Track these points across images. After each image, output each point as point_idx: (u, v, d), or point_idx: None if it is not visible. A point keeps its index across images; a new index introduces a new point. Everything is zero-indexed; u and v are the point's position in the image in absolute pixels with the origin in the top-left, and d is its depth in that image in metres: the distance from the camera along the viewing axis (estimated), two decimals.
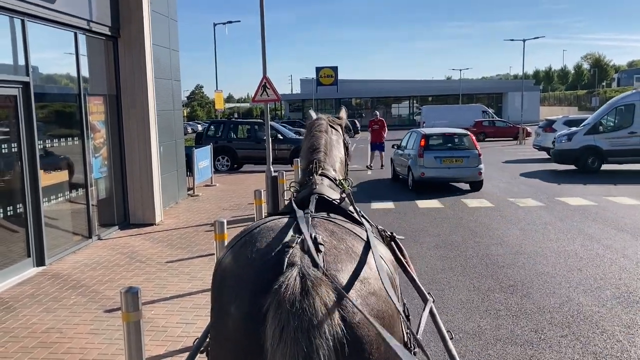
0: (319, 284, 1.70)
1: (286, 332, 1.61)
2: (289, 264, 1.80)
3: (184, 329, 5.31)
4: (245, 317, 1.79)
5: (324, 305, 1.66)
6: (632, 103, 17.71)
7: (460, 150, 14.76)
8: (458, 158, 14.45)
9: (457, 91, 63.42)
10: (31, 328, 5.42)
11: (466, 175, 14.54)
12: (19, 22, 7.21)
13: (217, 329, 1.95)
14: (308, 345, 1.59)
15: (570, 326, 5.42)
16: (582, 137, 17.98)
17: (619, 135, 17.59)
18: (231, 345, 1.85)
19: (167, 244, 8.72)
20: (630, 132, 17.48)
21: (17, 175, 7.22)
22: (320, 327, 1.62)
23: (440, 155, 14.45)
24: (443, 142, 15.19)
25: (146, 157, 10.18)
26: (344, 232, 2.10)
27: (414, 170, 14.65)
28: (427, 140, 14.73)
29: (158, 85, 10.87)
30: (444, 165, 14.34)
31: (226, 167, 20.57)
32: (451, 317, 5.67)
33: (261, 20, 11.44)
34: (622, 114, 17.92)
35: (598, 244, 8.64)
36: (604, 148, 17.69)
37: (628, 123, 17.65)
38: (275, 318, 1.64)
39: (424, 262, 7.74)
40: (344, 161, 3.36)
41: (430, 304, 2.68)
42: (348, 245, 2.01)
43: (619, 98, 18.90)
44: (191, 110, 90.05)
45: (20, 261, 7.17)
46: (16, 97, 7.17)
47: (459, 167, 14.40)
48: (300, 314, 1.62)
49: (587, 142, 17.87)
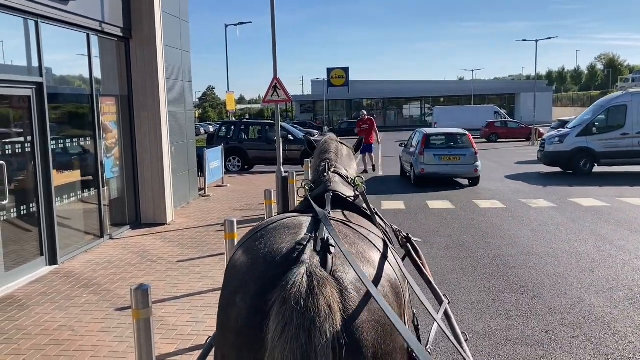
0: (325, 284, 1.72)
1: (288, 329, 1.63)
2: (298, 262, 1.82)
3: (194, 327, 5.34)
4: (249, 309, 1.81)
5: (327, 306, 1.67)
6: (624, 104, 17.39)
7: (458, 148, 15.89)
8: (455, 156, 15.61)
9: (469, 92, 63.19)
10: (44, 326, 5.47)
11: (463, 171, 15.61)
12: (32, 23, 7.30)
13: (221, 319, 1.98)
14: (307, 343, 1.61)
15: (582, 327, 5.38)
16: (574, 139, 17.54)
17: (612, 137, 17.25)
18: (233, 336, 1.87)
19: (178, 244, 8.77)
20: (622, 134, 17.18)
21: (30, 175, 7.30)
22: (321, 327, 1.64)
23: (439, 153, 15.69)
24: (442, 141, 16.44)
25: (158, 157, 10.24)
26: (357, 237, 2.12)
27: (415, 166, 15.89)
28: (427, 139, 16.00)
29: (169, 86, 10.94)
30: (443, 162, 15.55)
31: (237, 168, 20.64)
32: (462, 317, 5.65)
33: (272, 22, 11.48)
34: (614, 115, 17.55)
35: (611, 245, 8.56)
36: (596, 150, 17.30)
37: (620, 124, 17.31)
38: (280, 314, 1.66)
39: (435, 262, 7.72)
40: (357, 172, 3.49)
41: (446, 305, 2.68)
42: (359, 250, 2.03)
43: (609, 99, 18.57)
44: (203, 111, 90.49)
45: (33, 260, 7.24)
46: (30, 98, 7.25)
47: (456, 164, 15.56)
48: (304, 312, 1.64)
49: (579, 144, 17.46)
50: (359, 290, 1.81)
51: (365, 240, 2.13)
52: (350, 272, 1.85)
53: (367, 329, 1.75)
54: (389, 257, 2.13)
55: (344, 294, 1.76)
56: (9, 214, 6.81)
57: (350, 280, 1.81)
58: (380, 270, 2.00)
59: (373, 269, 1.98)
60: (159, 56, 10.14)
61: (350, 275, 1.83)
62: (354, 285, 1.81)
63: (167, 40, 10.75)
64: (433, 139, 16.34)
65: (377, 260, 2.03)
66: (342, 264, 1.87)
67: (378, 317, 1.80)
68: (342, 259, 1.89)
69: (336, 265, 1.85)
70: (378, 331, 1.78)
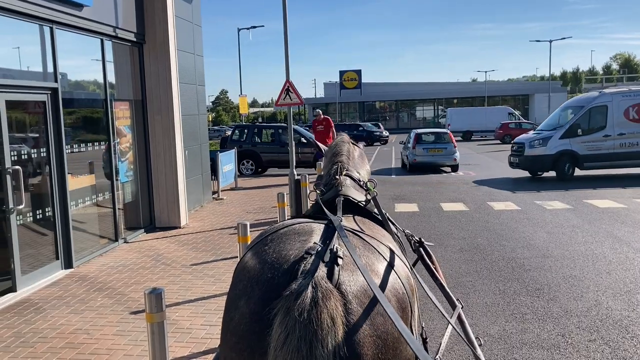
0: (329, 297, 1.72)
1: (290, 339, 1.64)
2: (304, 272, 1.81)
3: (208, 330, 5.35)
4: (252, 314, 1.82)
5: (330, 319, 1.68)
6: (605, 104, 16.78)
7: (441, 143, 20.97)
8: (439, 149, 20.76)
9: (482, 93, 62.86)
10: (59, 329, 5.52)
11: (445, 161, 20.71)
12: (48, 30, 7.38)
13: (225, 320, 1.99)
14: (308, 355, 1.62)
15: (599, 330, 5.30)
16: (558, 141, 16.68)
17: (594, 139, 16.59)
18: (235, 339, 1.87)
19: (192, 247, 8.81)
20: (604, 135, 16.58)
21: (45, 179, 7.37)
22: (323, 340, 1.64)
23: (427, 147, 20.90)
24: (430, 138, 21.58)
25: (171, 161, 10.30)
26: (366, 249, 2.11)
27: (409, 157, 21.13)
28: (419, 137, 21.31)
29: (183, 90, 11.00)
30: (430, 154, 20.73)
31: (250, 171, 20.69)
32: (476, 320, 5.60)
33: (284, 25, 11.51)
34: (595, 116, 16.82)
35: (628, 247, 8.45)
36: (580, 153, 16.57)
37: (602, 125, 16.70)
38: (282, 324, 1.67)
39: (449, 265, 7.67)
40: (369, 173, 3.50)
41: (459, 310, 2.65)
42: (367, 262, 2.02)
43: (588, 99, 17.58)
44: (216, 115, 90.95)
45: (48, 264, 7.31)
46: (45, 103, 7.33)
47: (440, 155, 20.74)
48: (307, 324, 1.65)
49: (563, 147, 16.64)
50: (362, 305, 1.80)
51: (374, 252, 2.12)
52: (355, 285, 1.83)
53: (369, 343, 1.75)
54: (398, 270, 2.11)
55: (348, 308, 1.76)
56: (25, 218, 6.89)
57: (355, 294, 1.81)
58: (387, 284, 1.99)
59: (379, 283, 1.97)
60: (172, 60, 10.20)
61: (355, 288, 1.82)
62: (358, 299, 1.80)
63: (180, 45, 10.82)
64: (423, 137, 21.39)
65: (384, 274, 2.02)
66: (349, 276, 1.86)
67: (380, 332, 1.80)
68: (349, 272, 1.88)
69: (342, 278, 1.84)
70: (379, 346, 1.78)
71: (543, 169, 17.32)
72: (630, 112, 16.67)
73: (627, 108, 16.67)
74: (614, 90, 18.01)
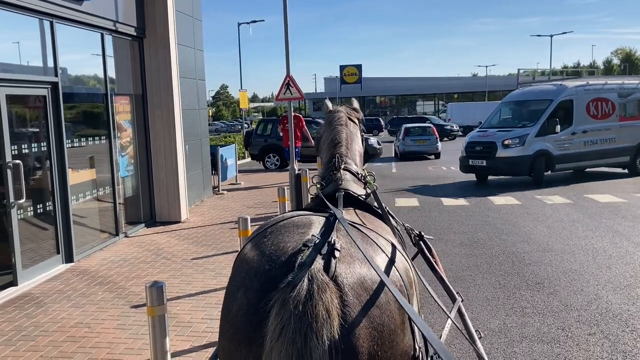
0: (325, 289, 1.72)
1: (285, 331, 1.65)
2: (301, 264, 1.81)
3: (208, 324, 5.36)
4: (249, 305, 1.82)
5: (326, 311, 1.68)
6: (570, 98, 15.41)
7: (426, 135, 25.15)
8: (424, 140, 24.93)
9: (483, 88, 62.73)
10: (60, 323, 5.53)
11: (429, 149, 24.86)
12: (48, 24, 7.37)
13: (223, 312, 1.99)
14: (303, 347, 1.63)
15: (599, 324, 5.32)
16: (534, 140, 14.89)
17: (563, 137, 15.13)
18: (232, 329, 1.88)
19: (193, 241, 8.82)
20: (572, 133, 15.28)
21: (46, 173, 7.38)
22: (318, 332, 1.65)
23: (414, 138, 25.02)
24: (416, 131, 25.60)
25: (172, 155, 10.30)
26: (366, 242, 2.10)
27: (400, 147, 25.29)
28: (407, 130, 25.59)
29: (183, 85, 10.99)
30: (416, 144, 24.88)
31: (275, 166, 20.35)
32: (476, 314, 5.61)
33: (284, 20, 11.47)
34: (562, 112, 15.34)
35: (628, 241, 8.46)
36: (553, 153, 15.01)
37: (568, 122, 15.28)
38: (278, 316, 1.68)
39: (449, 259, 7.68)
40: (362, 154, 3.47)
41: (459, 303, 2.65)
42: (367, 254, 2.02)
43: (545, 91, 16.14)
44: (216, 109, 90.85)
45: (49, 258, 7.33)
46: (45, 98, 7.33)
47: (424, 145, 24.86)
48: (302, 316, 1.66)
49: (540, 147, 14.87)
50: (359, 297, 1.80)
51: (373, 245, 2.11)
52: (352, 277, 1.83)
53: (364, 335, 1.75)
54: (397, 264, 2.11)
55: (344, 300, 1.75)
56: (25, 212, 6.90)
57: (351, 286, 1.80)
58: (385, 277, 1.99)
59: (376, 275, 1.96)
60: (173, 55, 10.19)
61: (351, 281, 1.82)
62: (354, 292, 1.80)
63: (180, 39, 10.80)
64: (411, 130, 25.55)
65: (383, 267, 2.02)
66: (346, 269, 1.86)
67: (376, 325, 1.79)
68: (346, 264, 1.87)
69: (339, 270, 1.83)
70: (375, 338, 1.77)
71: (520, 173, 15.22)
72: (591, 108, 15.65)
73: (587, 103, 15.61)
74: (578, 82, 16.44)
